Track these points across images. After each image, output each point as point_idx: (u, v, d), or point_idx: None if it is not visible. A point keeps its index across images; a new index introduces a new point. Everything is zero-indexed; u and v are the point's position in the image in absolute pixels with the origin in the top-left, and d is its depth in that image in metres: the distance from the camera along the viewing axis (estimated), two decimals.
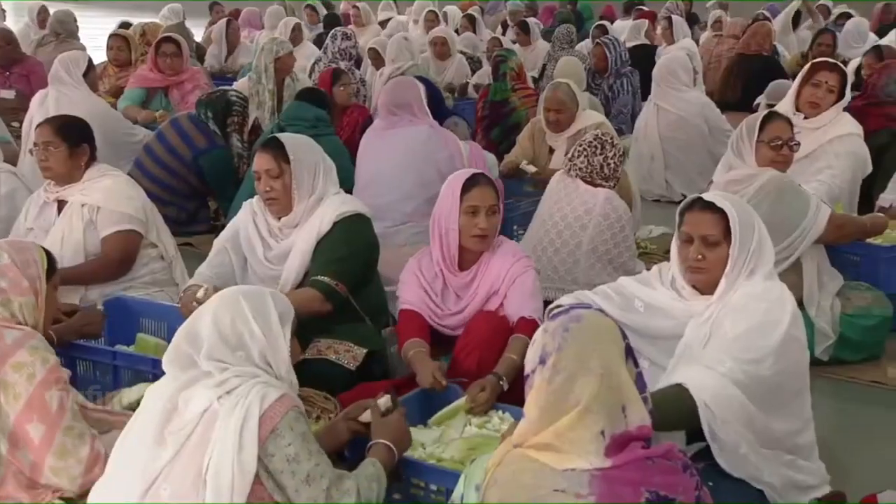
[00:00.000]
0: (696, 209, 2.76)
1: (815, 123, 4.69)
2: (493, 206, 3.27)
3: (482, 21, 11.37)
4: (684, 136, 6.64)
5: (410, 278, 3.39)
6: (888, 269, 4.20)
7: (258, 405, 2.17)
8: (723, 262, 2.70)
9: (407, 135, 4.92)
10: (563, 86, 5.45)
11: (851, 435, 3.45)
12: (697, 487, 1.98)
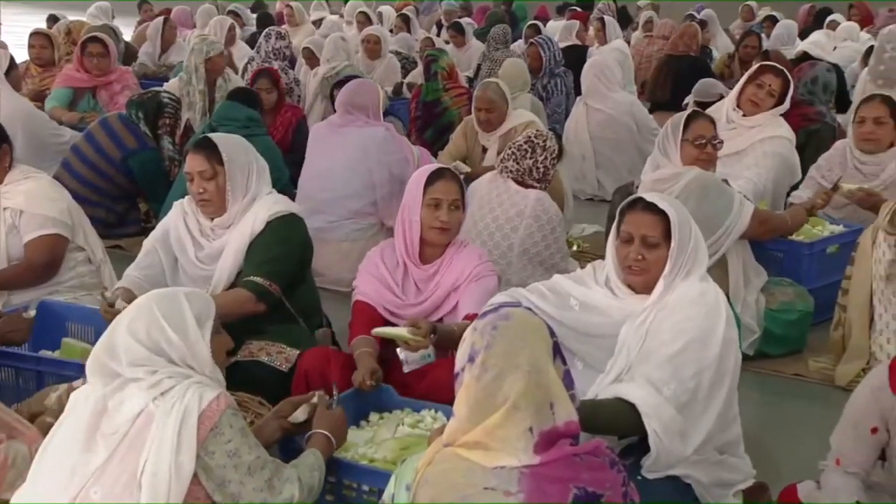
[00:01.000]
0: (637, 209, 2.76)
1: (751, 122, 4.82)
2: (456, 201, 3.27)
3: (416, 21, 11.38)
4: (614, 135, 6.74)
5: (370, 267, 3.37)
6: (810, 266, 4.30)
7: (197, 405, 2.16)
8: (661, 263, 2.72)
9: (363, 134, 4.99)
10: (492, 85, 5.49)
11: (775, 427, 3.54)
12: (625, 483, 2.01)
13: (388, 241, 3.46)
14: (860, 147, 4.67)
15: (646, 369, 2.62)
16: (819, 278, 4.27)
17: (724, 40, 10.58)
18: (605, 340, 2.78)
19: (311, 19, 11.18)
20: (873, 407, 2.51)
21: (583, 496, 1.93)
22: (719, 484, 2.74)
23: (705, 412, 2.63)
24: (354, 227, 4.93)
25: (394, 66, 8.39)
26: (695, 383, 2.60)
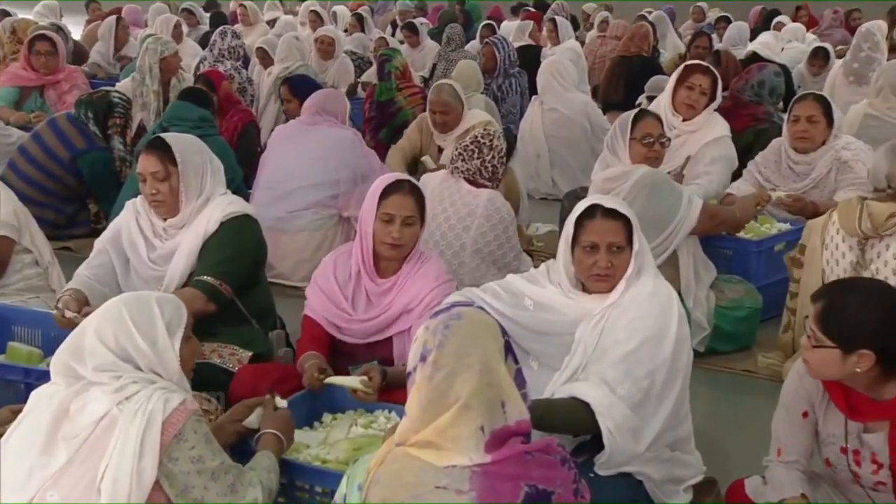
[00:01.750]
0: (597, 217, 2.75)
1: (692, 126, 4.89)
2: (411, 217, 3.12)
3: (371, 21, 11.36)
4: (568, 134, 6.79)
5: (321, 279, 3.25)
6: (758, 263, 4.37)
7: (161, 411, 2.15)
8: (626, 266, 2.75)
9: (333, 134, 5.06)
10: (446, 87, 5.50)
11: (725, 423, 3.60)
12: (575, 480, 2.03)
13: (346, 247, 3.35)
14: (794, 145, 4.76)
15: (600, 368, 2.64)
16: (767, 275, 4.33)
17: (673, 40, 10.70)
18: (561, 339, 2.79)
19: (265, 19, 11.11)
20: (801, 392, 2.56)
21: (534, 494, 1.94)
22: (670, 480, 2.77)
23: (658, 410, 2.67)
24: (314, 217, 4.96)
25: (347, 67, 8.37)
26: (648, 382, 2.63)
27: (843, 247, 3.58)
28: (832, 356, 2.35)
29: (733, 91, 5.84)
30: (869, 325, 2.32)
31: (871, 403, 2.42)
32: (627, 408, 2.59)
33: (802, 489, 2.54)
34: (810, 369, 2.44)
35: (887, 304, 2.37)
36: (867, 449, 2.46)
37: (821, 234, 3.65)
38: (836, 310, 2.36)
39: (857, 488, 2.54)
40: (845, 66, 7.02)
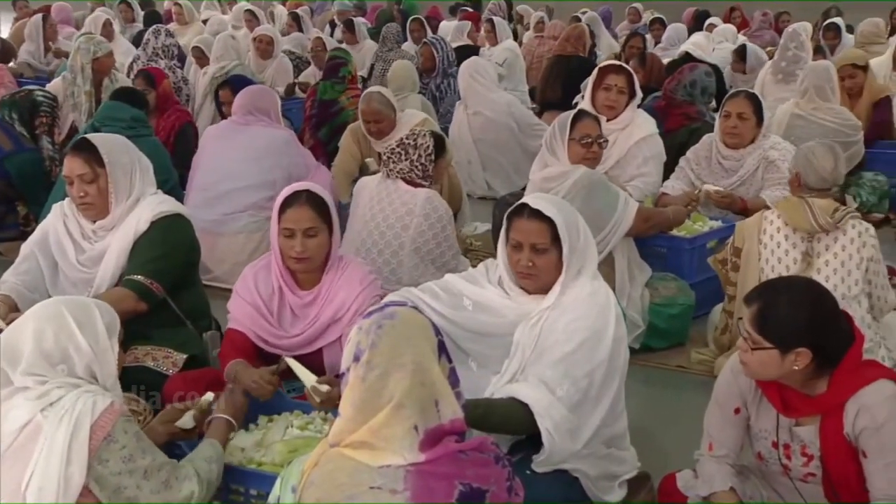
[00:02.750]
0: (524, 217, 2.77)
1: (618, 125, 4.95)
2: (311, 229, 3.04)
3: (308, 20, 11.29)
4: (496, 136, 6.83)
5: (243, 291, 3.17)
6: (691, 260, 4.44)
7: (89, 415, 2.12)
8: (552, 266, 2.75)
9: (267, 134, 5.00)
10: (376, 95, 5.48)
11: (659, 418, 3.65)
12: (509, 478, 2.04)
13: (264, 260, 3.24)
14: (724, 141, 4.87)
15: (539, 369, 2.66)
16: (700, 272, 4.40)
17: (608, 41, 10.83)
18: (500, 340, 2.79)
19: (201, 18, 10.98)
20: (734, 388, 2.61)
21: (467, 492, 1.95)
22: (606, 476, 2.81)
23: (596, 409, 2.69)
24: (251, 219, 4.92)
25: (286, 66, 8.31)
26: (587, 382, 2.65)
27: (787, 244, 3.64)
28: (771, 357, 2.40)
29: (666, 91, 5.95)
30: (803, 323, 2.38)
31: (804, 399, 2.47)
32: (566, 408, 2.61)
33: (731, 482, 2.59)
34: (749, 371, 2.49)
35: (817, 301, 2.43)
36: (797, 442, 2.52)
37: (757, 236, 3.70)
38: (770, 311, 2.41)
39: (786, 480, 2.60)
40: (774, 66, 7.20)
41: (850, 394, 2.41)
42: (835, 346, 2.42)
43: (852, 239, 3.56)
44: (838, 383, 2.43)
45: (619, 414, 2.84)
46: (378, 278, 3.32)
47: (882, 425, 2.36)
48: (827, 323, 2.41)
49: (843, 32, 9.45)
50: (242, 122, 5.08)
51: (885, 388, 2.41)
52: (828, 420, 2.45)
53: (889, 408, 2.38)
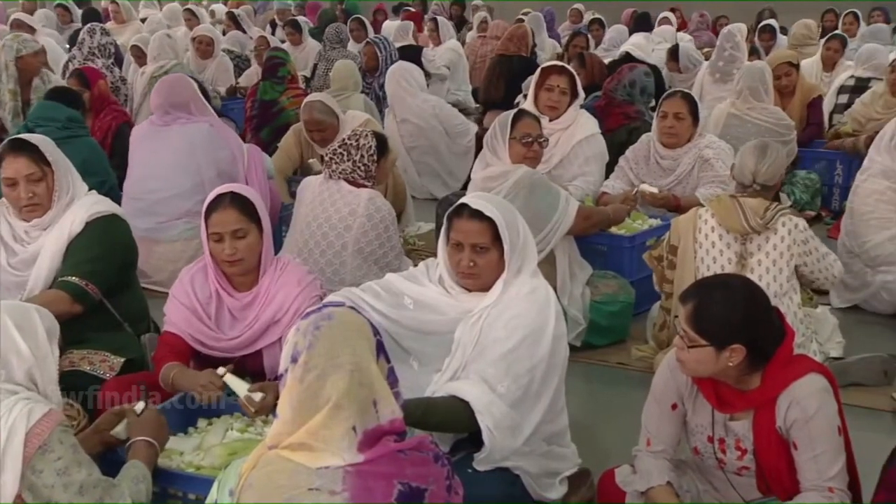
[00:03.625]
0: (464, 217, 2.77)
1: (561, 125, 5.01)
2: (239, 230, 3.00)
3: (247, 19, 11.18)
4: (426, 142, 6.86)
5: (180, 294, 3.13)
6: (631, 258, 4.49)
7: (24, 422, 2.08)
8: (493, 265, 2.76)
9: (186, 132, 4.87)
10: (317, 104, 5.44)
11: (600, 415, 3.69)
12: (448, 477, 2.05)
13: (200, 263, 3.18)
14: (661, 140, 4.96)
15: (480, 367, 2.67)
16: (640, 270, 4.43)
17: (550, 41, 10.92)
18: (441, 338, 2.80)
19: (140, 17, 10.82)
20: (671, 384, 2.65)
21: (407, 492, 1.95)
22: (547, 473, 2.83)
23: (536, 406, 2.71)
24: (187, 226, 4.83)
25: (226, 66, 8.23)
26: (527, 379, 2.67)
27: (721, 244, 3.69)
28: (707, 354, 2.44)
29: (606, 91, 6.03)
30: (737, 320, 2.42)
31: (738, 395, 2.52)
32: (507, 405, 2.63)
33: (668, 477, 2.63)
34: (685, 368, 2.53)
35: (750, 299, 2.48)
36: (732, 436, 2.57)
37: (692, 234, 3.76)
38: (705, 309, 2.44)
39: (721, 474, 2.65)
40: (711, 66, 7.33)
41: (782, 388, 2.46)
42: (767, 342, 2.47)
43: (783, 237, 3.65)
44: (770, 378, 2.48)
45: (559, 411, 2.87)
46: (317, 279, 3.29)
47: (812, 417, 2.42)
48: (760, 320, 2.46)
49: (777, 34, 9.65)
50: (161, 123, 4.94)
51: (814, 382, 2.46)
52: (761, 414, 2.50)
53: (818, 400, 2.44)
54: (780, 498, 2.53)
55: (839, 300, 4.65)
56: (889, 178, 4.44)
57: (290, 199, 5.10)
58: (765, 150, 3.81)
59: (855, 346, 4.03)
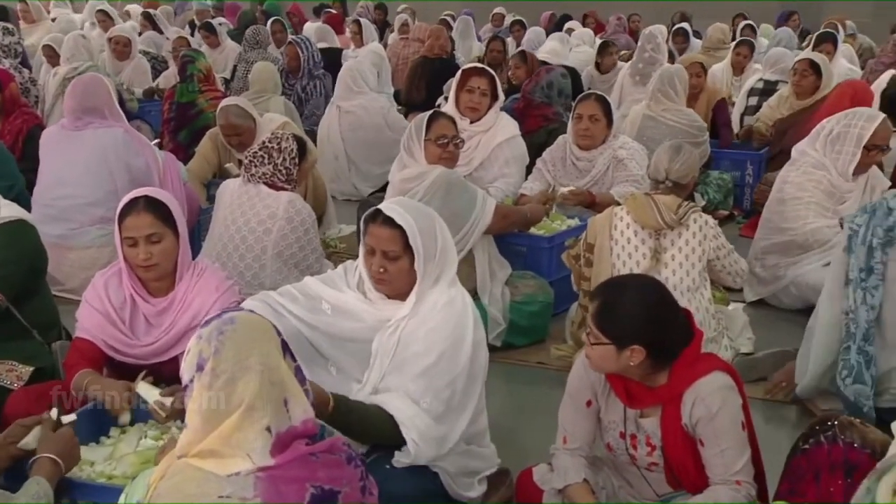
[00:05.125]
0: (377, 223, 2.75)
1: (482, 126, 5.05)
2: (153, 235, 2.95)
3: (164, 20, 11.00)
4: (365, 136, 6.85)
5: (93, 299, 3.06)
6: (550, 258, 4.53)
7: None
8: (404, 272, 2.74)
9: (98, 137, 4.74)
10: (232, 109, 5.38)
11: (519, 414, 3.72)
12: (362, 478, 2.05)
13: (114, 268, 3.12)
14: (577, 143, 5.05)
15: (401, 382, 2.66)
16: (559, 270, 4.47)
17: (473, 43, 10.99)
18: (359, 346, 2.78)
19: (52, 17, 10.54)
20: (585, 381, 2.69)
21: (319, 494, 1.94)
22: (466, 473, 2.84)
23: (461, 416, 2.72)
24: (100, 232, 4.73)
25: (143, 67, 8.08)
26: (449, 392, 2.67)
27: (636, 240, 3.79)
28: (608, 352, 2.49)
29: (525, 93, 6.10)
30: (639, 322, 2.48)
31: (646, 391, 2.57)
32: (431, 419, 2.63)
33: (585, 474, 2.66)
34: (591, 364, 2.58)
35: (655, 302, 2.53)
36: (642, 433, 2.61)
37: (608, 232, 3.84)
38: (610, 308, 2.50)
39: (634, 469, 2.70)
40: (632, 67, 7.47)
41: (687, 385, 2.51)
42: (670, 343, 2.52)
43: (694, 233, 3.76)
44: (676, 376, 2.53)
45: (479, 412, 2.87)
46: (235, 284, 3.25)
47: (716, 414, 2.48)
48: (663, 322, 2.51)
49: (690, 37, 9.88)
50: (73, 127, 4.80)
51: (718, 379, 2.52)
52: (667, 411, 2.55)
53: (722, 397, 2.50)
54: (689, 492, 2.60)
55: (752, 293, 4.79)
56: (821, 170, 4.58)
57: (209, 204, 5.03)
58: (678, 150, 3.96)
59: (764, 342, 4.14)
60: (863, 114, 4.57)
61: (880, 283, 3.34)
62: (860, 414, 3.16)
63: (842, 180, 4.54)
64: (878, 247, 3.35)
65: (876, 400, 3.38)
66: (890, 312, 3.36)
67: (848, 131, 4.49)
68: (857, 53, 9.84)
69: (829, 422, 2.34)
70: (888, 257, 3.35)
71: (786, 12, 11.38)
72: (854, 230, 3.42)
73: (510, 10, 13.08)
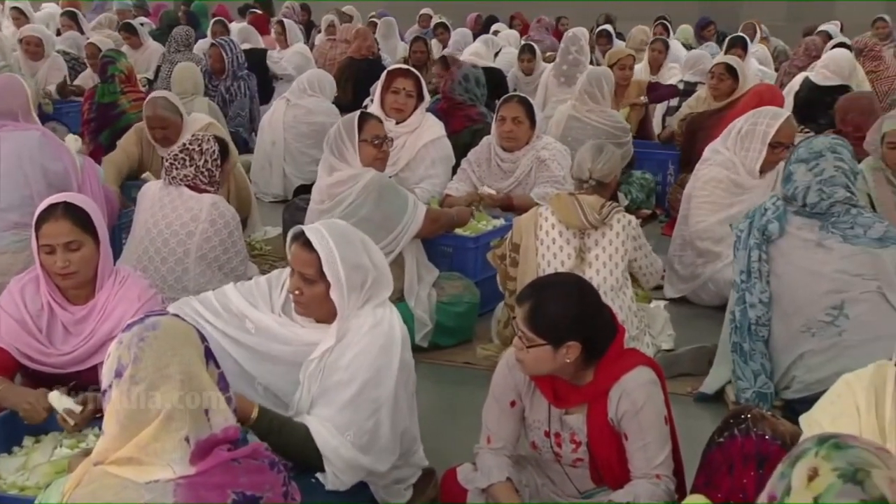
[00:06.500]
0: (298, 243, 2.68)
1: (407, 128, 5.06)
2: (72, 242, 2.87)
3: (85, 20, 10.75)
4: (307, 129, 6.76)
5: (8, 305, 2.96)
6: (475, 259, 4.56)
7: None
8: (321, 297, 2.65)
9: (15, 139, 4.55)
10: (160, 101, 5.30)
11: (446, 414, 3.73)
12: (285, 483, 2.03)
13: (31, 274, 3.03)
14: (501, 144, 5.11)
15: (327, 413, 2.62)
16: (484, 270, 4.51)
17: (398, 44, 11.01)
18: (284, 368, 2.73)
19: None
20: (509, 382, 2.71)
21: (241, 500, 1.92)
22: (395, 481, 2.86)
23: (393, 438, 2.70)
24: (14, 238, 4.52)
25: (59, 66, 7.89)
26: (373, 423, 2.63)
27: (561, 240, 3.84)
28: (545, 353, 2.50)
29: (445, 93, 6.12)
30: (571, 317, 2.50)
31: (573, 389, 2.60)
32: (356, 450, 2.61)
33: (508, 473, 2.68)
34: (525, 368, 2.58)
35: (583, 296, 2.56)
36: (567, 430, 2.65)
37: (534, 232, 3.88)
38: (540, 309, 2.51)
39: (558, 467, 2.73)
40: (556, 69, 7.56)
41: (613, 381, 2.55)
42: (601, 337, 2.56)
43: (617, 233, 3.83)
44: (602, 372, 2.57)
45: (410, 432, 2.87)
46: (158, 293, 3.16)
47: (641, 409, 2.52)
48: (593, 316, 2.55)
49: (613, 39, 10.04)
50: None
51: (643, 374, 2.57)
52: (594, 407, 2.59)
53: (647, 392, 2.54)
54: (611, 487, 2.64)
55: (672, 291, 4.88)
56: (728, 169, 4.70)
57: (130, 205, 4.94)
58: (601, 149, 4.03)
59: (684, 338, 4.22)
60: (769, 112, 4.72)
61: (758, 281, 3.52)
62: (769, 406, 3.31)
63: (749, 178, 4.66)
64: (756, 246, 3.54)
65: (783, 392, 3.53)
66: (783, 307, 3.52)
67: (755, 129, 4.64)
68: (771, 56, 10.14)
69: (742, 415, 2.41)
70: (770, 255, 3.52)
71: (704, 20, 11.65)
72: (738, 235, 3.61)
73: (437, 11, 13.11)
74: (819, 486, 1.48)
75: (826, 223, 3.51)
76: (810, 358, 3.47)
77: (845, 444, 1.52)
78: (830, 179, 3.51)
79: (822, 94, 6.57)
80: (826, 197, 3.50)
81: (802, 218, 3.56)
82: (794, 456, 1.55)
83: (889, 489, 1.45)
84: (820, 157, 3.53)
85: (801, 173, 3.56)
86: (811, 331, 3.48)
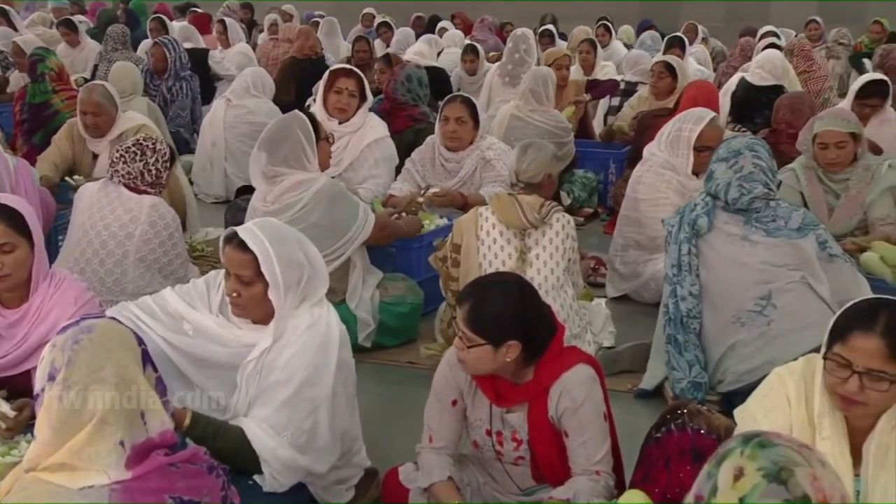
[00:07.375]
0: (232, 244, 2.64)
1: (350, 127, 5.06)
2: (6, 244, 2.82)
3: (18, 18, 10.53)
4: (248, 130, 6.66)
5: None
6: (419, 259, 4.55)
7: None
8: (259, 298, 2.63)
9: None
10: (98, 88, 5.26)
11: (389, 414, 3.73)
12: (224, 488, 2.03)
13: None
14: (444, 144, 5.14)
15: (264, 414, 2.59)
16: (428, 270, 4.47)
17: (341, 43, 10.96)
18: (223, 372, 2.70)
19: None
20: (451, 381, 2.71)
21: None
22: (336, 481, 2.84)
23: (332, 438, 2.69)
24: None
25: None
26: (311, 422, 2.62)
27: (502, 240, 3.86)
28: (485, 352, 2.51)
29: (388, 94, 6.12)
30: (511, 316, 2.51)
31: (514, 388, 2.62)
32: (294, 451, 2.59)
33: (450, 472, 2.68)
34: (466, 368, 2.59)
35: (522, 295, 2.58)
36: (508, 429, 2.66)
37: (475, 232, 3.90)
38: (480, 308, 2.52)
39: (499, 465, 2.74)
40: (501, 69, 7.59)
41: (553, 379, 2.57)
42: (541, 336, 2.58)
43: (557, 232, 3.86)
44: (543, 371, 2.59)
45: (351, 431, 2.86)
46: (95, 297, 3.10)
47: (580, 406, 2.55)
48: (533, 315, 2.57)
49: (556, 39, 10.12)
50: None
51: (583, 372, 2.59)
52: (534, 405, 2.61)
53: (586, 389, 2.57)
54: (552, 485, 2.66)
55: (613, 289, 4.93)
56: (670, 170, 4.77)
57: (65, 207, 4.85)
58: (525, 150, 4.05)
59: (626, 335, 4.28)
60: (691, 117, 4.78)
61: (688, 274, 3.62)
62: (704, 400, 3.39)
63: (687, 179, 4.74)
64: (686, 240, 3.65)
65: (718, 386, 3.61)
66: (713, 299, 3.61)
67: (680, 135, 4.72)
68: (710, 56, 10.31)
69: (678, 410, 2.45)
70: (699, 249, 3.61)
71: (645, 23, 11.82)
72: (669, 231, 3.70)
73: (380, 11, 13.09)
74: (744, 486, 1.51)
75: (749, 218, 3.63)
76: (741, 348, 3.55)
77: (769, 442, 1.55)
78: (749, 176, 3.63)
79: (757, 93, 6.72)
80: (746, 192, 3.61)
81: (728, 213, 3.67)
82: (720, 455, 1.58)
83: (811, 487, 1.49)
84: (739, 155, 3.66)
85: (721, 171, 3.68)
86: (741, 321, 3.57)
